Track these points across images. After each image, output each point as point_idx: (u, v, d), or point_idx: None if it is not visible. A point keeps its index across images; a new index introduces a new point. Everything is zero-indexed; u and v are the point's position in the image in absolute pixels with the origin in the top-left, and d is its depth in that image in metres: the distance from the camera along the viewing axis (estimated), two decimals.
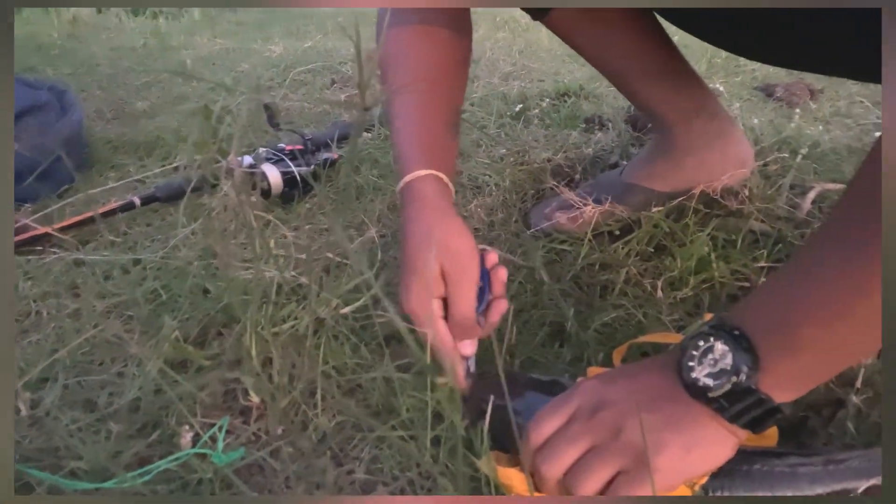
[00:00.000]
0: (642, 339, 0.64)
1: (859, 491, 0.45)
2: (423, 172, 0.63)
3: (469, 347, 0.63)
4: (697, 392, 0.44)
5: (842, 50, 0.55)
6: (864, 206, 0.39)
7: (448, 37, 0.71)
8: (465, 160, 1.13)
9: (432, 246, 0.59)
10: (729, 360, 0.43)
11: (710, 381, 0.44)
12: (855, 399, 0.58)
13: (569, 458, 0.46)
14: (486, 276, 0.62)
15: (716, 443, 0.45)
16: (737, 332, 0.44)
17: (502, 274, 0.64)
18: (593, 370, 0.60)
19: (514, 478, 0.49)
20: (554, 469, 0.47)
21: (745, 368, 0.43)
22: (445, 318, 0.61)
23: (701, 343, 0.45)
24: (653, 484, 0.43)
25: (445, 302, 0.61)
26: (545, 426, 0.49)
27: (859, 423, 0.58)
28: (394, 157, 0.67)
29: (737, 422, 0.44)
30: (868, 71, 0.57)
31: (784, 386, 0.43)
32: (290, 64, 1.82)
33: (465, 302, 0.60)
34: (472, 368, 0.63)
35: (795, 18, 0.54)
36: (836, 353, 0.42)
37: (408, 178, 0.63)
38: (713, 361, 0.44)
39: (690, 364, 0.45)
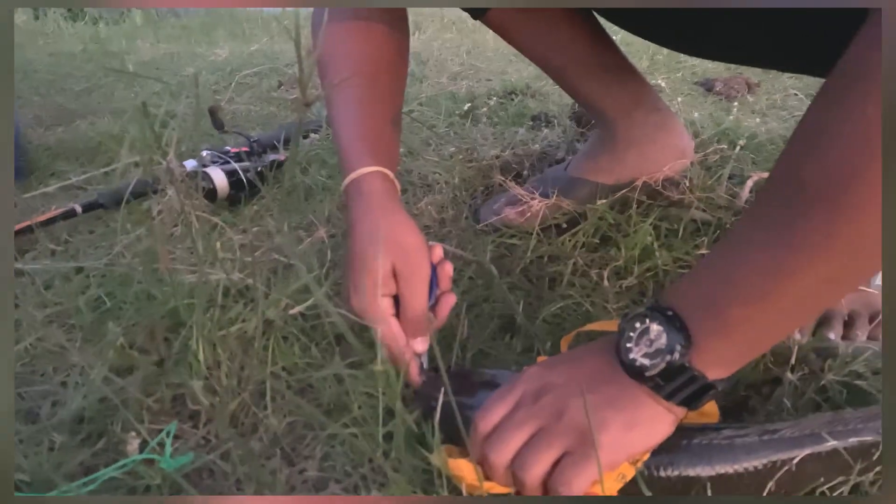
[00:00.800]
0: (589, 326, 0.65)
1: (794, 462, 0.47)
2: (368, 169, 0.63)
3: (422, 344, 0.63)
4: (635, 372, 0.46)
5: (779, 44, 0.58)
6: (786, 188, 0.41)
7: (386, 32, 0.71)
8: (414, 158, 1.14)
9: (381, 243, 0.59)
10: (663, 340, 0.44)
11: (646, 361, 0.45)
12: (791, 377, 0.61)
13: (515, 444, 0.47)
14: (433, 271, 0.63)
15: (655, 420, 0.46)
16: (670, 313, 0.45)
17: (448, 268, 0.64)
18: (542, 360, 0.61)
19: (463, 468, 0.49)
20: (501, 455, 0.47)
21: (678, 347, 0.44)
22: (395, 315, 0.61)
23: (637, 325, 0.46)
24: (598, 460, 0.44)
25: (394, 299, 0.61)
26: (491, 414, 0.49)
27: (796, 400, 0.60)
28: (337, 155, 0.67)
29: (673, 399, 0.45)
30: (804, 63, 0.59)
31: (716, 363, 0.45)
32: (235, 67, 1.80)
33: (419, 299, 0.61)
34: (426, 364, 0.63)
35: (735, 15, 0.56)
36: (764, 330, 0.44)
37: (353, 175, 0.63)
38: (649, 342, 0.45)
39: (628, 345, 0.46)
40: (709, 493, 0.47)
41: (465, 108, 1.37)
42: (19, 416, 0.61)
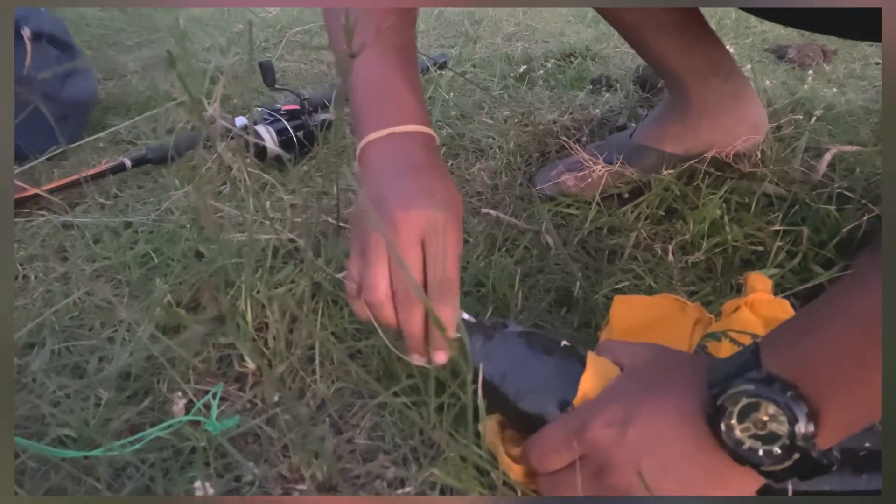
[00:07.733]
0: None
1: None
2: (418, 128, 0.56)
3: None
4: (744, 460, 0.38)
5: (856, 12, 0.52)
6: None
7: None
8: (467, 122, 1.10)
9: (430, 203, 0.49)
10: (783, 425, 0.37)
11: (758, 447, 0.38)
12: None
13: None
14: None
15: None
16: (790, 393, 0.37)
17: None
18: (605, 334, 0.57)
19: (515, 472, 0.47)
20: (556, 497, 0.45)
21: (805, 437, 0.36)
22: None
23: (743, 399, 0.38)
24: None
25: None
26: (550, 460, 0.45)
27: None
28: (365, 110, 0.58)
29: (781, 483, 0.39)
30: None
31: (835, 440, 0.38)
32: (285, 25, 1.77)
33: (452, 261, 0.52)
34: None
35: None
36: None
37: (398, 128, 0.55)
38: (760, 423, 0.37)
39: (731, 422, 0.38)
40: None
41: (521, 70, 1.31)
42: (65, 370, 0.60)
